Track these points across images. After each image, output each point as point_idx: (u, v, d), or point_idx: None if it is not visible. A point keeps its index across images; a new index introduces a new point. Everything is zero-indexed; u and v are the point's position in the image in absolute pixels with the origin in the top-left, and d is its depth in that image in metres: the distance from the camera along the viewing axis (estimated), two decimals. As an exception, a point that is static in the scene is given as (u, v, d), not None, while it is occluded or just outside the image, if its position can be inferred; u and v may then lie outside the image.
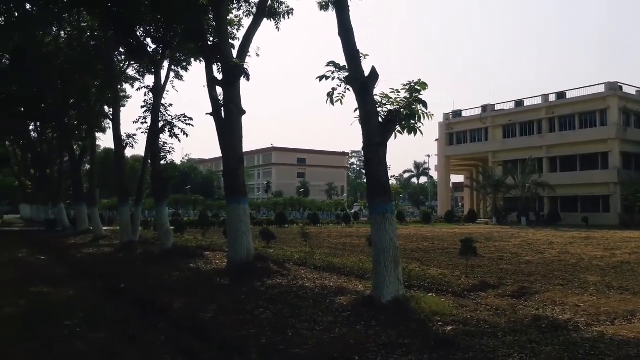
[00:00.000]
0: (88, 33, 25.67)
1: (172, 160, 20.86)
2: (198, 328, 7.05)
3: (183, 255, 14.94)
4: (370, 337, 6.21)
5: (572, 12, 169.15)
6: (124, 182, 21.70)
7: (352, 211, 58.93)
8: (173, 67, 21.36)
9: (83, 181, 31.86)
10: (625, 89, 46.89)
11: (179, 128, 18.20)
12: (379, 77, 8.21)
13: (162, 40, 17.94)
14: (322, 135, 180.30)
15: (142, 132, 19.68)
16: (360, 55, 8.45)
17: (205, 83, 13.75)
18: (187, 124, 18.36)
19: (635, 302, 8.27)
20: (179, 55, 21.21)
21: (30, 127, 40.97)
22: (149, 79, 38.85)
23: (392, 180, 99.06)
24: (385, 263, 7.71)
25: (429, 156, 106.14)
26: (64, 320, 7.59)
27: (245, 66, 13.00)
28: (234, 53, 13.30)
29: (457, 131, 58.36)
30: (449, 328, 6.60)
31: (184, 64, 22.97)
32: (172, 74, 21.10)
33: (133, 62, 25.38)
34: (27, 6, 19.86)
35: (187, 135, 18.45)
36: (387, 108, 8.34)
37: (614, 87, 45.32)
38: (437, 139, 60.40)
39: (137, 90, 65.81)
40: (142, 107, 19.10)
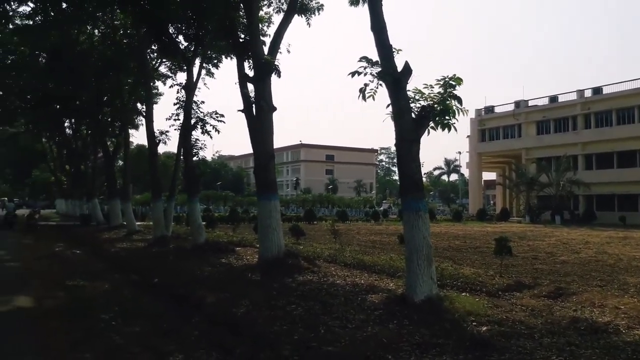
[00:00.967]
0: (121, 31, 26.17)
1: (204, 157, 21.09)
2: (231, 323, 7.10)
3: (215, 250, 15.09)
4: (403, 336, 6.13)
5: (609, 5, 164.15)
6: (157, 178, 22.03)
7: (381, 208, 58.67)
8: (204, 65, 21.57)
9: (117, 177, 32.48)
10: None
11: (210, 125, 18.42)
12: (412, 72, 8.10)
13: (193, 37, 18.11)
14: (350, 132, 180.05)
15: (174, 129, 19.99)
16: (393, 50, 8.35)
17: (237, 80, 13.85)
18: (218, 120, 18.55)
19: (679, 305, 7.95)
20: (210, 52, 21.40)
21: (66, 124, 42.13)
22: (181, 77, 39.31)
23: (422, 177, 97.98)
24: (418, 261, 7.61)
25: (460, 153, 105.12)
26: (100, 313, 7.74)
27: (276, 63, 13.02)
28: (265, 50, 13.34)
29: (490, 127, 57.36)
30: (484, 328, 6.47)
31: (215, 61, 23.19)
32: (203, 71, 21.32)
33: (165, 60, 25.77)
34: (63, 5, 20.30)
35: (218, 132, 18.63)
36: (420, 104, 8.20)
37: (653, 82, 43.84)
38: (468, 136, 59.45)
39: (169, 87, 66.93)
40: (174, 104, 19.40)
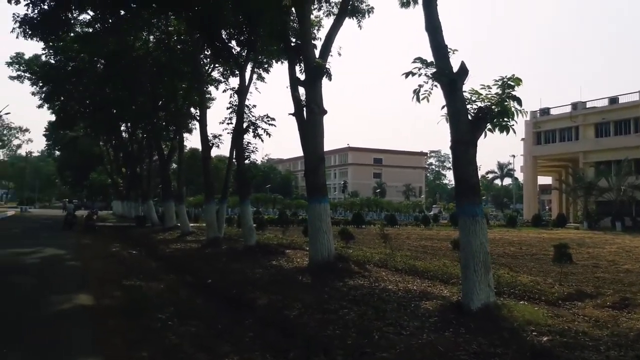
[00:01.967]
0: (175, 37, 26.95)
1: (255, 160, 21.40)
2: (283, 325, 7.10)
3: (265, 252, 15.23)
4: (460, 345, 5.94)
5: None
6: (210, 180, 22.49)
7: (431, 213, 57.70)
8: (255, 69, 21.91)
9: (171, 179, 33.40)
10: None
11: (262, 128, 18.66)
12: (469, 72, 7.89)
13: (245, 42, 18.43)
14: (399, 135, 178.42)
15: (227, 133, 20.37)
16: (449, 50, 8.17)
17: (287, 84, 13.95)
18: (269, 124, 18.77)
19: None
20: (261, 57, 21.72)
21: (122, 128, 43.74)
22: (233, 81, 40.16)
23: (479, 181, 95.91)
24: (475, 268, 7.38)
25: (514, 156, 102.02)
26: (157, 313, 7.90)
27: (327, 66, 13.02)
28: (316, 53, 13.37)
29: (545, 130, 55.50)
30: (545, 339, 6.18)
31: (266, 65, 23.56)
32: (254, 76, 21.67)
33: (218, 65, 26.36)
34: (121, 13, 21.06)
35: (269, 136, 18.86)
36: (476, 105, 7.98)
37: None
38: (523, 138, 57.64)
39: (223, 92, 68.42)
40: (227, 108, 19.82)
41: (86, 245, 20.73)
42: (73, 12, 19.20)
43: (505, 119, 7.82)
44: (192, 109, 31.64)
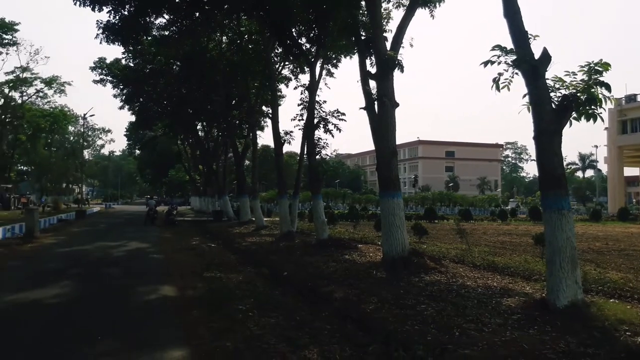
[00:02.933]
0: (246, 37, 27.61)
1: (326, 155, 21.51)
2: (360, 319, 7.11)
3: (338, 246, 15.29)
4: (547, 343, 5.69)
5: None
6: (283, 176, 22.89)
7: (508, 207, 55.59)
8: (324, 65, 21.99)
9: (245, 175, 34.32)
10: None
11: (332, 124, 18.74)
12: (551, 59, 7.51)
13: (315, 39, 18.53)
14: (472, 127, 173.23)
15: (299, 129, 20.62)
16: (529, 36, 7.80)
17: (357, 78, 13.88)
18: (340, 119, 18.81)
19: None
20: (330, 53, 21.78)
21: (198, 127, 45.42)
22: (303, 78, 40.57)
23: (565, 173, 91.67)
24: (561, 264, 7.03)
25: (596, 147, 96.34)
26: (237, 304, 8.16)
27: (399, 58, 12.83)
28: (387, 46, 13.20)
29: (632, 118, 51.89)
30: (640, 339, 5.79)
31: (335, 61, 23.61)
32: (324, 72, 21.76)
33: (288, 63, 26.73)
34: (195, 15, 21.79)
35: (340, 131, 18.92)
36: (560, 93, 7.59)
37: None
38: (606, 128, 54.12)
39: (294, 89, 69.62)
40: (298, 104, 20.09)
41: (167, 239, 21.72)
42: (150, 16, 20.17)
43: (592, 107, 7.39)
44: (264, 107, 32.34)
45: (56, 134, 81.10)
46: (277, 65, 27.01)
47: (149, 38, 27.75)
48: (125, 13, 18.78)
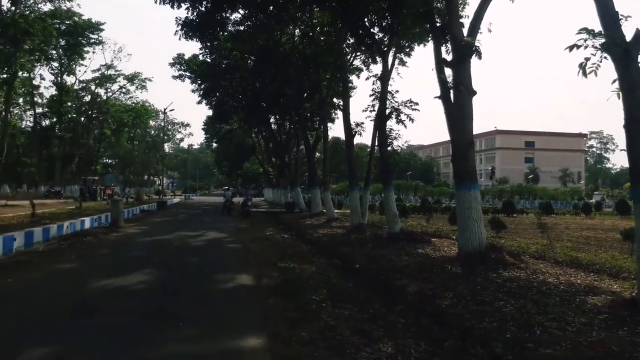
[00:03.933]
0: (318, 29, 27.72)
1: (398, 147, 21.20)
2: (435, 314, 6.96)
3: (410, 240, 15.01)
4: (638, 345, 5.31)
5: None
6: (354, 168, 22.84)
7: (593, 200, 52.41)
8: (397, 54, 21.64)
9: (316, 167, 34.60)
10: None
11: (404, 114, 18.42)
12: (646, 41, 6.93)
13: (388, 28, 18.26)
14: (554, 116, 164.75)
15: (370, 120, 20.46)
16: (620, 17, 7.24)
17: (431, 66, 13.52)
18: (412, 109, 18.46)
19: None
20: (403, 41, 21.39)
21: (271, 120, 46.32)
22: (373, 69, 40.27)
23: None
24: (655, 261, 6.52)
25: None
26: (311, 294, 8.23)
27: (476, 44, 12.35)
28: (464, 32, 12.76)
29: None
30: None
31: (407, 49, 23.17)
32: (396, 61, 21.42)
33: (360, 53, 26.57)
34: (269, 9, 22.16)
35: (412, 121, 18.56)
36: (656, 77, 6.99)
37: None
38: None
39: (366, 79, 69.21)
40: (370, 95, 19.85)
41: (243, 229, 22.30)
42: (226, 11, 20.78)
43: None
44: (335, 99, 32.39)
45: (138, 128, 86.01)
46: (349, 56, 26.90)
47: (225, 33, 28.58)
48: (202, 9, 19.49)
